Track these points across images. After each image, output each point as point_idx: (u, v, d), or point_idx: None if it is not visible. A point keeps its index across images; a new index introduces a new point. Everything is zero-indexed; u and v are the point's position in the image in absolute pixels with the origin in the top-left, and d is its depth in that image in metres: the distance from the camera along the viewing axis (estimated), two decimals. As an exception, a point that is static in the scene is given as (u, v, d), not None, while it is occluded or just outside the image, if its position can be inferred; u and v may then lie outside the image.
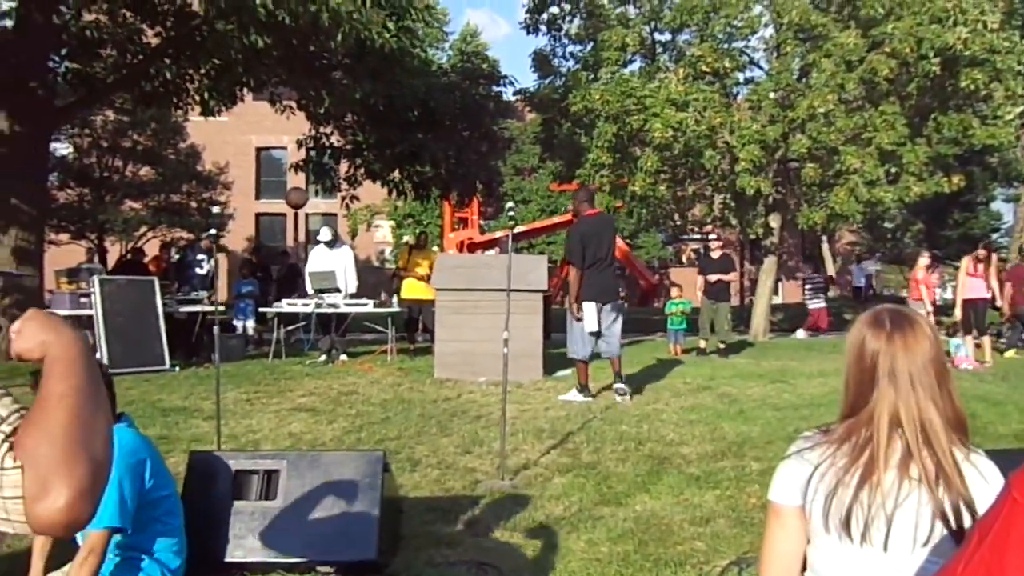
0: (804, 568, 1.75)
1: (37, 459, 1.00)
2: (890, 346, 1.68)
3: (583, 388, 7.63)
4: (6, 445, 1.03)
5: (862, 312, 1.82)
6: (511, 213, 5.13)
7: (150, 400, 7.15)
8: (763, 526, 4.07)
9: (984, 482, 1.58)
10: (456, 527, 4.02)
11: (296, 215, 22.82)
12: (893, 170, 14.55)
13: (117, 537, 2.63)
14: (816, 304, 17.40)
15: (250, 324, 12.91)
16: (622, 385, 7.49)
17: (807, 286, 18.03)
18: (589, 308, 7.38)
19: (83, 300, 9.78)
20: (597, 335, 7.50)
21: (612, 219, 9.98)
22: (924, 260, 12.07)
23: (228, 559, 3.23)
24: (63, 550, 3.05)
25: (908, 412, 1.63)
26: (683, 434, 6.11)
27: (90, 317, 9.54)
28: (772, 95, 14.30)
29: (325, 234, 11.33)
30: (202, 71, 12.23)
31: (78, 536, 2.58)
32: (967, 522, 1.55)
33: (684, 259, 38.06)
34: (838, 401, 5.70)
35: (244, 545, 3.25)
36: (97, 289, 9.43)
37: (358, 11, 8.53)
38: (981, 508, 1.55)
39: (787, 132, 14.15)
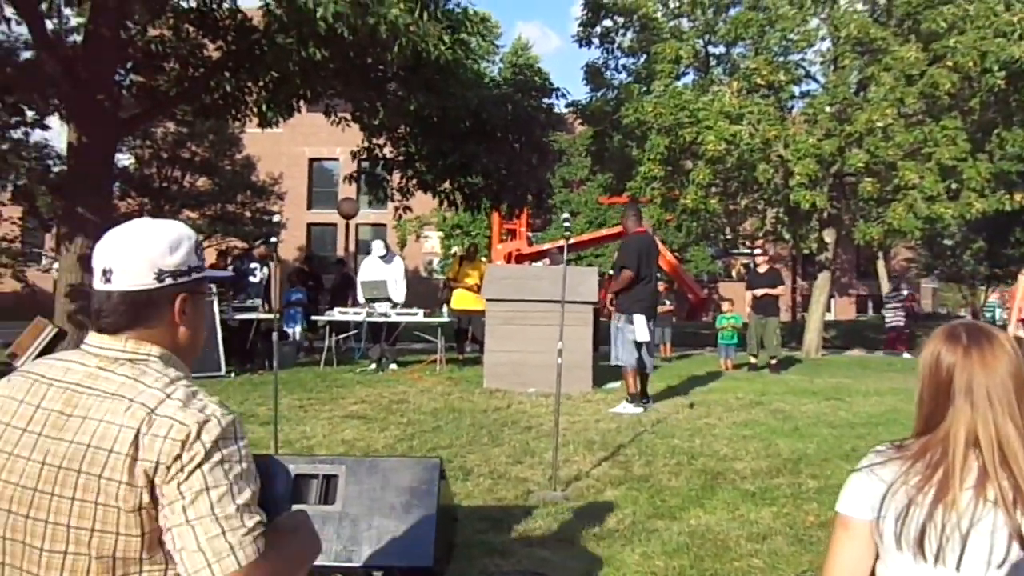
0: None
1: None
2: (967, 361, 1.64)
3: (633, 398, 7.72)
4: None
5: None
6: (567, 224, 5.14)
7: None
8: (822, 545, 4.01)
9: None
10: (509, 537, 4.02)
11: (347, 225, 23.20)
12: (954, 186, 14.23)
13: None
14: (896, 323, 16.76)
15: (297, 330, 13.11)
16: (648, 399, 8.02)
17: (888, 304, 17.44)
18: (640, 320, 7.70)
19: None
20: (640, 346, 7.74)
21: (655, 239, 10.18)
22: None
23: (287, 561, 3.27)
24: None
25: (985, 430, 1.58)
26: (737, 449, 6.02)
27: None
28: (828, 108, 14.11)
29: (379, 248, 11.51)
30: (260, 84, 12.49)
31: None
32: None
33: (734, 273, 37.62)
34: (895, 419, 5.61)
35: (303, 547, 3.28)
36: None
37: (415, 24, 8.65)
38: None
39: (844, 146, 13.94)
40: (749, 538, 4.08)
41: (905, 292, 17.39)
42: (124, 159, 27.24)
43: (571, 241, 5.43)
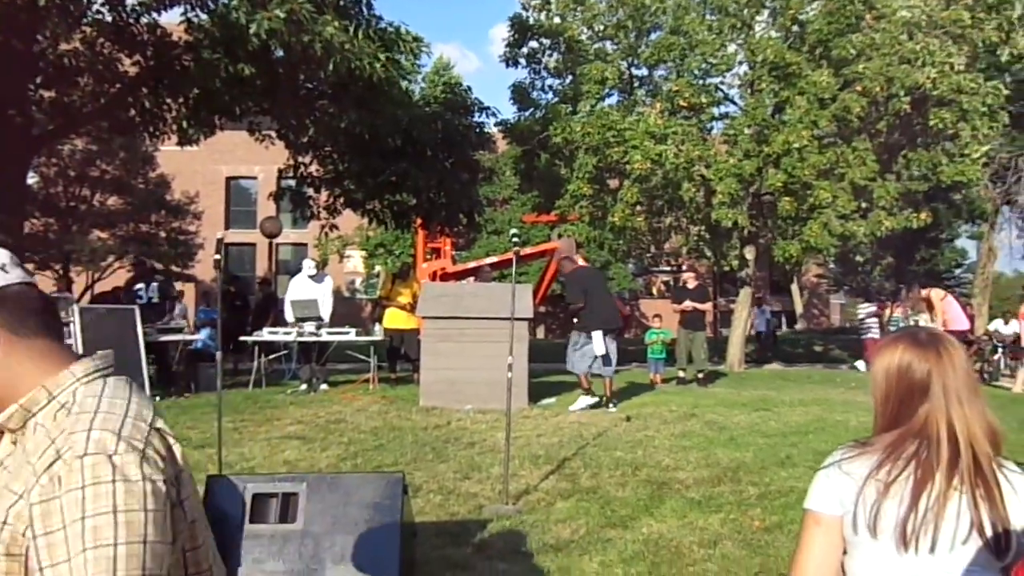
0: None
1: None
2: (939, 364, 1.76)
3: (587, 391, 9.07)
4: None
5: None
6: (515, 240, 5.17)
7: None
8: (771, 549, 4.13)
9: (1015, 495, 1.65)
10: (467, 551, 4.01)
11: (270, 245, 22.68)
12: (864, 205, 14.92)
13: None
14: (872, 335, 17.07)
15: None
16: (614, 400, 9.25)
17: (860, 316, 17.83)
18: (597, 335, 8.96)
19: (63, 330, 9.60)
20: (595, 357, 8.98)
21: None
22: None
23: (247, 583, 3.18)
24: None
25: (961, 426, 1.70)
26: (678, 459, 6.15)
27: (69, 346, 9.35)
28: (747, 130, 14.62)
29: (309, 266, 11.35)
30: (181, 100, 12.18)
31: None
32: (1003, 537, 1.62)
33: (654, 291, 38.40)
34: (822, 428, 5.88)
35: (264, 569, 3.20)
36: (76, 319, 9.27)
37: (350, 42, 8.60)
38: (1014, 520, 1.62)
39: (762, 166, 14.46)
40: (701, 544, 4.18)
41: (875, 306, 17.89)
42: (28, 178, 26.07)
43: (493, 260, 5.51)
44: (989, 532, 1.61)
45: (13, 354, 1.22)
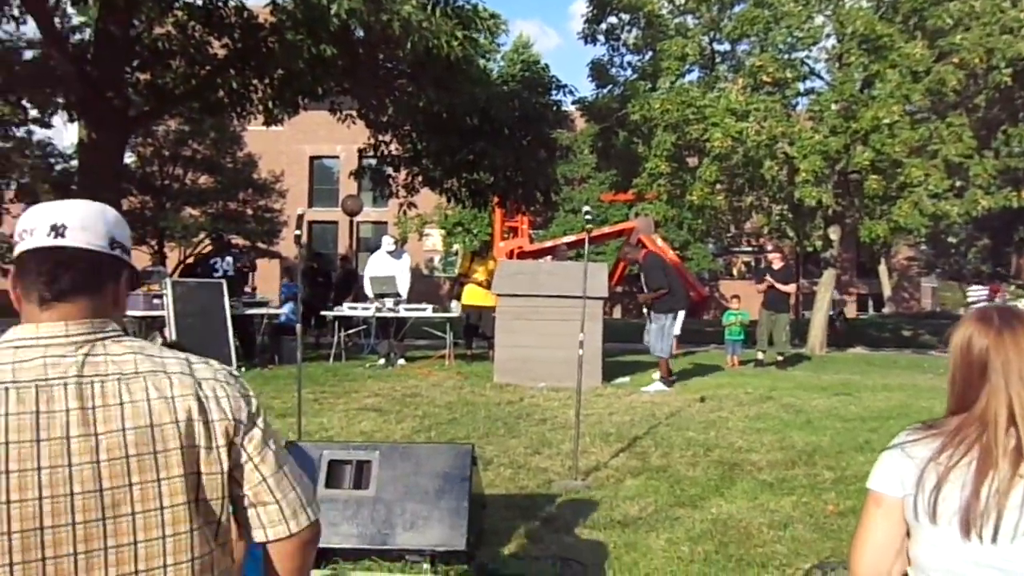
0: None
1: None
2: (999, 342, 1.69)
3: (666, 380, 9.03)
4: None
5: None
6: (588, 217, 5.17)
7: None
8: (843, 533, 4.06)
9: None
10: (535, 523, 4.07)
11: (351, 223, 23.22)
12: (959, 183, 14.27)
13: None
14: None
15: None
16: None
17: (971, 299, 17.22)
18: (681, 316, 9.68)
19: (155, 301, 10.08)
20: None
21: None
22: None
23: (322, 545, 3.31)
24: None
25: (1021, 407, 1.64)
26: (751, 441, 6.07)
27: (162, 317, 9.83)
28: (834, 106, 14.13)
29: (388, 244, 11.58)
30: (267, 81, 12.53)
31: None
32: None
33: (735, 271, 37.65)
34: (906, 414, 5.69)
35: (338, 532, 3.33)
36: (169, 291, 9.71)
37: (428, 20, 8.68)
38: None
39: (849, 143, 13.96)
40: (771, 526, 4.14)
41: (987, 288, 17.15)
42: (126, 157, 27.28)
43: (571, 239, 5.51)
44: None
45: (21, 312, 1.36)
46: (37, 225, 1.32)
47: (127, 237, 1.42)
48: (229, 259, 11.82)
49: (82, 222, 1.33)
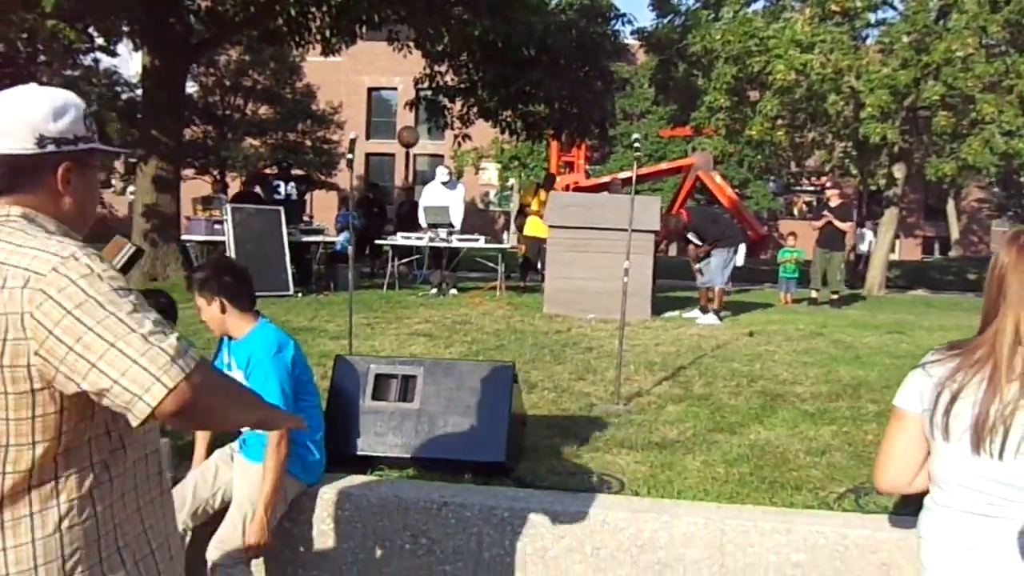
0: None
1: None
2: (1019, 260, 1.70)
3: (717, 314, 9.11)
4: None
5: None
6: (636, 146, 5.15)
7: (279, 320, 7.46)
8: (881, 462, 4.08)
9: None
10: (575, 443, 4.19)
11: (407, 154, 23.33)
12: (1035, 121, 13.65)
13: None
14: None
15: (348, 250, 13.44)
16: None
17: None
18: (743, 249, 9.71)
19: (216, 227, 10.40)
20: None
21: None
22: None
23: (368, 453, 3.49)
24: (223, 434, 3.40)
25: None
26: (796, 374, 6.08)
27: (223, 242, 10.14)
28: (906, 38, 13.56)
29: (442, 174, 11.67)
30: (324, 9, 12.54)
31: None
32: None
33: (795, 211, 36.86)
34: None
35: (385, 442, 3.50)
36: (229, 217, 10.00)
37: (484, -54, 8.59)
38: None
39: (919, 77, 13.44)
40: (808, 452, 4.19)
41: None
42: (189, 87, 27.70)
43: (627, 175, 5.49)
44: None
45: None
46: None
47: (67, 124, 1.39)
48: (292, 184, 12.07)
49: (3, 126, 1.34)
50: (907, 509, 3.13)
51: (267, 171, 12.92)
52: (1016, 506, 1.66)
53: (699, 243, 9.54)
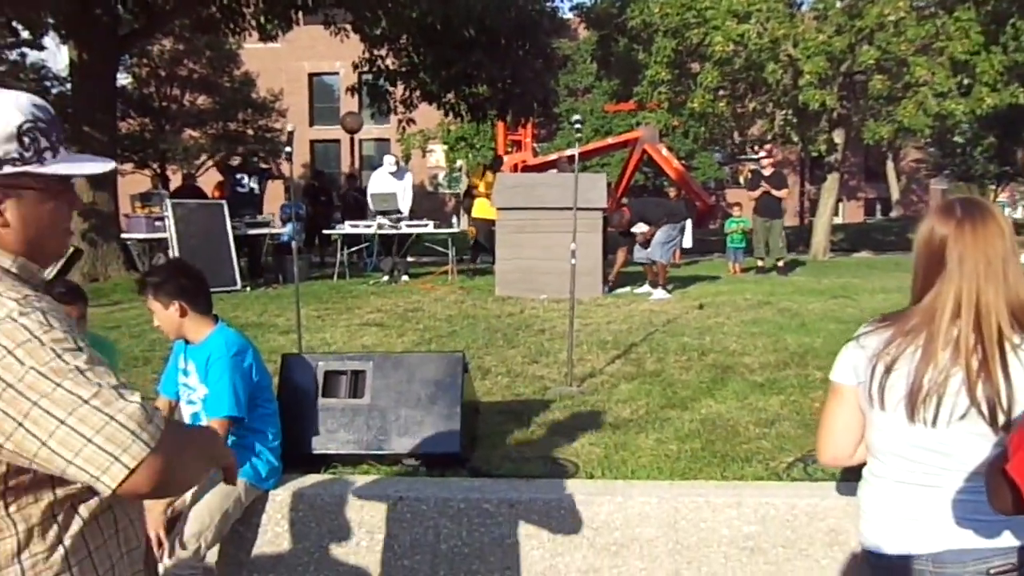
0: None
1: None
2: (959, 233, 1.71)
3: (664, 287, 9.21)
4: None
5: None
6: (578, 127, 5.15)
7: (227, 317, 7.38)
8: (828, 428, 4.18)
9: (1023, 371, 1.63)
10: (529, 428, 4.21)
11: (352, 140, 23.02)
12: (966, 81, 13.99)
13: None
14: None
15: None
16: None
17: None
18: (689, 226, 9.98)
19: (157, 224, 10.16)
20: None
21: None
22: None
23: (321, 451, 3.47)
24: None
25: (969, 298, 1.67)
26: (745, 345, 6.18)
27: (165, 239, 9.92)
28: (839, 4, 13.77)
29: (390, 163, 11.57)
30: (258, -7, 12.28)
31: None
32: (1001, 414, 1.62)
33: (741, 180, 37.34)
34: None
35: (336, 439, 3.48)
36: (170, 213, 9.77)
37: (415, -74, 8.46)
38: (1019, 398, 1.61)
39: (854, 43, 13.66)
40: (757, 423, 4.27)
41: None
42: (122, 79, 26.91)
43: (575, 151, 5.48)
44: (985, 409, 1.63)
45: None
46: None
47: (13, 130, 1.20)
48: (255, 177, 11.84)
49: None
50: (854, 475, 3.21)
51: (231, 163, 12.64)
52: (951, 474, 1.70)
53: (646, 229, 9.59)
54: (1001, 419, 1.63)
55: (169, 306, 2.95)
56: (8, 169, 1.20)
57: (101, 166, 1.35)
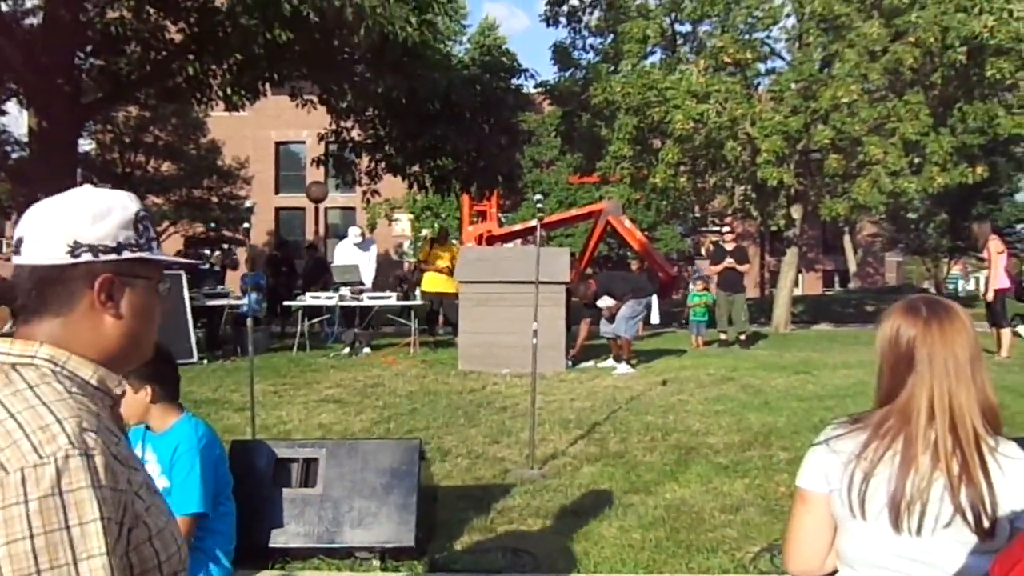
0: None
1: None
2: (927, 333, 1.68)
3: (628, 362, 9.21)
4: None
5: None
6: (540, 206, 5.16)
7: (182, 391, 7.26)
8: (793, 514, 4.10)
9: (1003, 477, 1.59)
10: (489, 515, 4.08)
11: (317, 209, 23.01)
12: (917, 160, 14.46)
13: None
14: None
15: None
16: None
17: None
18: (655, 302, 9.73)
19: (112, 294, 9.93)
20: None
21: None
22: None
23: (271, 544, 3.30)
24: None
25: (941, 400, 1.63)
26: (709, 424, 6.13)
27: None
28: (794, 86, 14.23)
29: (354, 233, 11.53)
30: (225, 66, 12.32)
31: None
32: (986, 520, 1.57)
33: (703, 251, 37.94)
34: (863, 392, 5.73)
35: (286, 531, 3.32)
36: (126, 283, 9.55)
37: (382, 6, 8.59)
38: (1002, 503, 1.57)
39: (809, 123, 14.08)
40: (722, 509, 4.19)
41: None
42: (85, 144, 26.75)
43: (543, 221, 5.48)
44: (970, 516, 1.58)
45: None
46: (15, 237, 1.18)
47: (107, 229, 1.16)
48: (218, 253, 11.72)
49: (35, 232, 1.15)
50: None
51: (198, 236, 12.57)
52: None
53: (611, 303, 9.60)
54: (986, 525, 1.57)
55: (140, 390, 2.74)
56: (127, 255, 1.18)
57: (193, 262, 1.34)
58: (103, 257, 1.16)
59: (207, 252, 11.62)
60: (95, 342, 1.16)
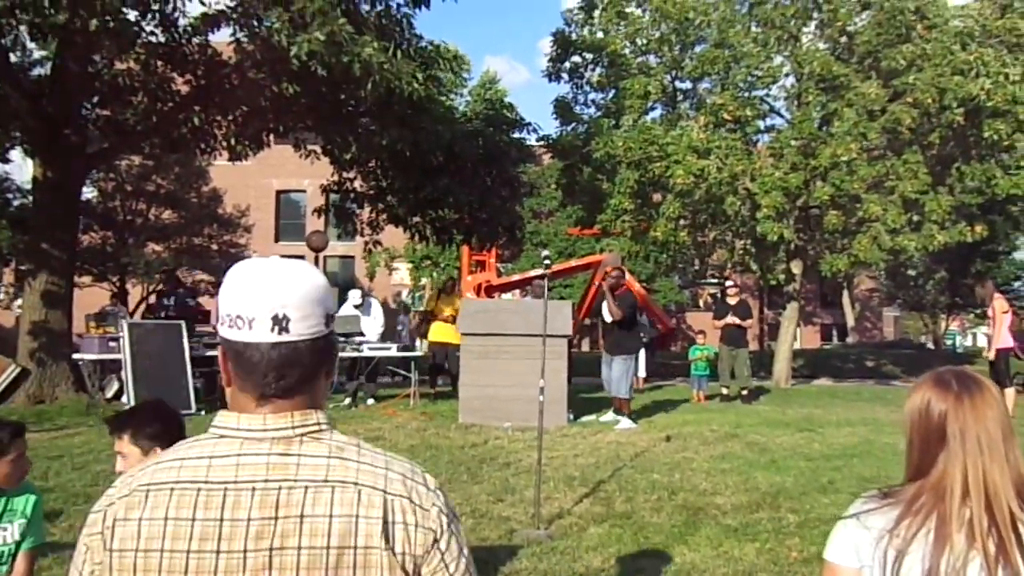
0: None
1: None
2: (958, 407, 1.66)
3: (631, 414, 9.13)
4: None
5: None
6: (546, 261, 5.16)
7: (178, 444, 7.15)
8: (806, 581, 4.00)
9: None
10: (495, 578, 3.98)
11: (316, 258, 23.03)
12: (916, 218, 14.56)
13: None
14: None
15: None
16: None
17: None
18: (643, 356, 9.41)
19: (111, 344, 9.86)
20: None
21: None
22: None
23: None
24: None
25: (976, 478, 1.61)
26: (716, 483, 6.04)
27: (118, 360, 9.61)
28: (794, 143, 14.40)
29: (355, 297, 11.48)
30: (230, 118, 12.44)
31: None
32: None
33: (701, 303, 37.97)
34: (869, 451, 5.67)
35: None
36: (126, 333, 9.51)
37: (389, 62, 8.71)
38: None
39: (809, 179, 14.22)
40: (734, 575, 4.09)
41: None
42: (87, 192, 26.87)
43: (537, 273, 5.48)
44: None
45: None
46: (257, 315, 1.17)
47: (333, 300, 1.27)
48: (174, 298, 11.66)
49: (303, 310, 1.19)
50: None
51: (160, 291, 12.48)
52: None
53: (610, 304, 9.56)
54: None
55: (149, 453, 2.66)
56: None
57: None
58: (334, 329, 1.27)
59: (166, 298, 11.56)
60: (322, 405, 1.25)
